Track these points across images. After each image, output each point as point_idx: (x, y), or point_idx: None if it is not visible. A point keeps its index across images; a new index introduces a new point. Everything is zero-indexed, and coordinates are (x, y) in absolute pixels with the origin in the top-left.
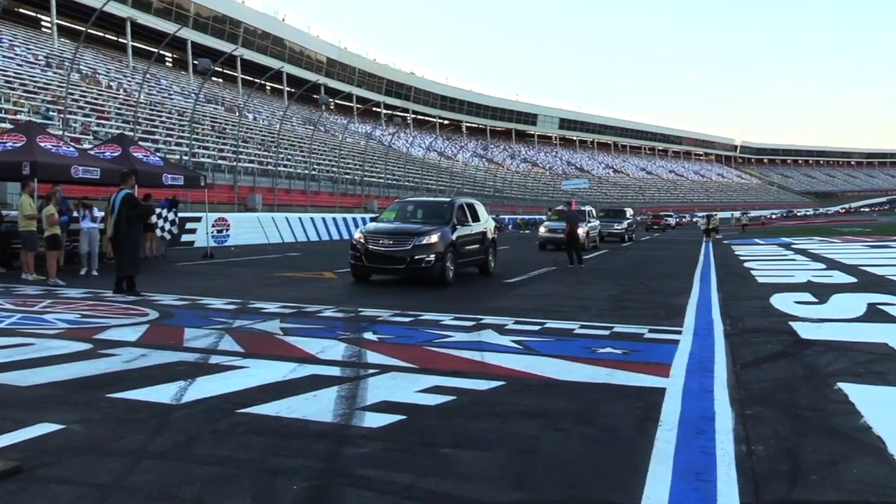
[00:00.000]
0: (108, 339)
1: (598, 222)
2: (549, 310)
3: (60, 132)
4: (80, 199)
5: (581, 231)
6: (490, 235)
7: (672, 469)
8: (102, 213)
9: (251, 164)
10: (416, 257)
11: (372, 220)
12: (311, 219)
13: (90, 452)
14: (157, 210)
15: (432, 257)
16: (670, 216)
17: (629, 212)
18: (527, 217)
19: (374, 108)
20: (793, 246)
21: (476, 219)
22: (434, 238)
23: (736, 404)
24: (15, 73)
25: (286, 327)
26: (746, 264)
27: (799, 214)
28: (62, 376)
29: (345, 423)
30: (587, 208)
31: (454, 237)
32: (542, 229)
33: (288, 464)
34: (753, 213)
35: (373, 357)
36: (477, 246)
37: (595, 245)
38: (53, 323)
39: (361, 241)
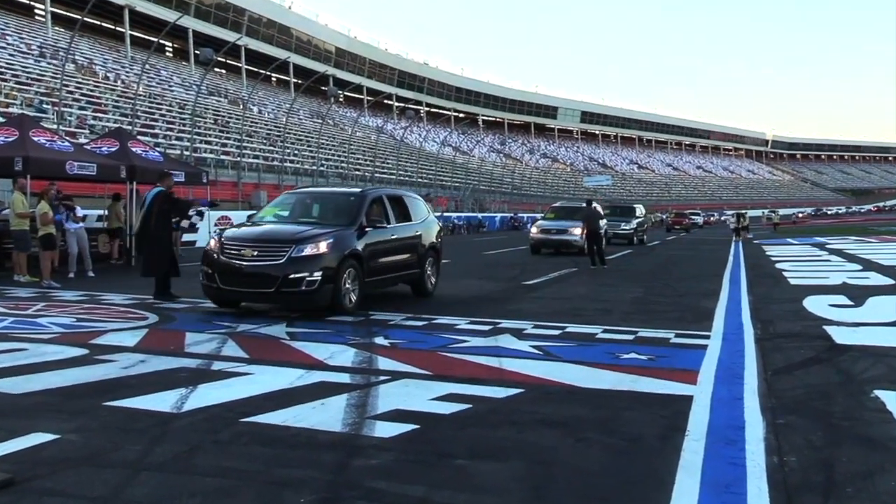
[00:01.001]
0: (106, 343)
1: (604, 221)
2: (569, 313)
3: (55, 126)
4: (61, 199)
5: (578, 231)
6: (429, 241)
7: (700, 481)
8: (85, 213)
9: (256, 160)
10: (293, 276)
11: (248, 218)
12: None
13: (86, 464)
14: (199, 209)
15: (317, 275)
16: (697, 214)
17: (639, 209)
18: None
19: (385, 101)
20: (827, 246)
21: (404, 218)
22: (322, 246)
23: (767, 413)
24: (7, 63)
25: (293, 331)
26: (778, 265)
27: (830, 213)
28: (57, 383)
29: (355, 432)
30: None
31: (360, 245)
32: (533, 229)
33: (295, 475)
34: (783, 212)
35: (384, 363)
36: (404, 257)
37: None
38: (47, 327)
39: (214, 250)
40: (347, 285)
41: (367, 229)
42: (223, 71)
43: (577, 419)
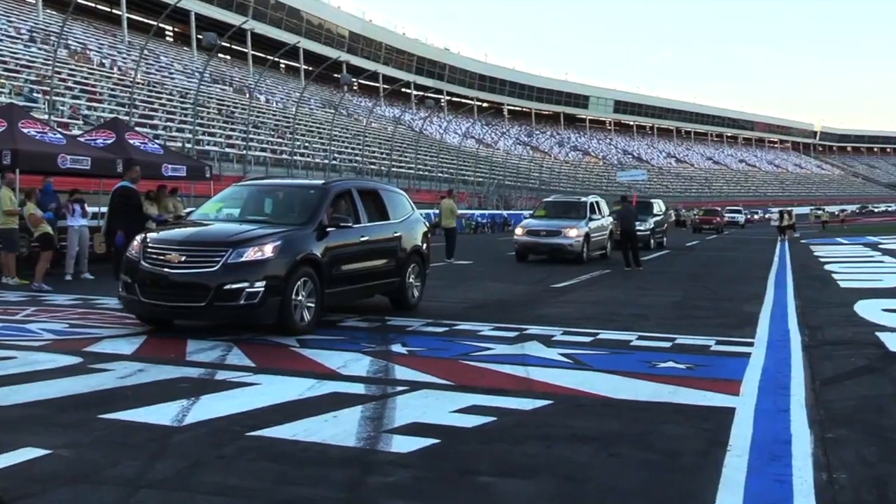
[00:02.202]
0: (101, 351)
1: (609, 220)
2: (602, 318)
3: (46, 116)
4: (71, 193)
5: (575, 233)
6: (412, 244)
7: (742, 500)
8: (94, 209)
9: (263, 153)
10: (229, 286)
11: (188, 214)
12: None
13: (80, 481)
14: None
15: (259, 286)
16: (738, 211)
17: (657, 205)
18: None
19: (402, 89)
20: (880, 246)
21: (380, 215)
22: (267, 250)
23: (815, 426)
24: None
25: (303, 338)
26: (827, 267)
27: (877, 210)
28: (48, 394)
29: (370, 447)
30: (590, 199)
31: (319, 248)
32: (518, 230)
33: (305, 494)
34: (830, 209)
35: (402, 372)
36: (379, 263)
37: (604, 254)
38: (38, 333)
39: (136, 255)
40: (300, 298)
41: (328, 229)
42: (228, 57)
43: (611, 433)
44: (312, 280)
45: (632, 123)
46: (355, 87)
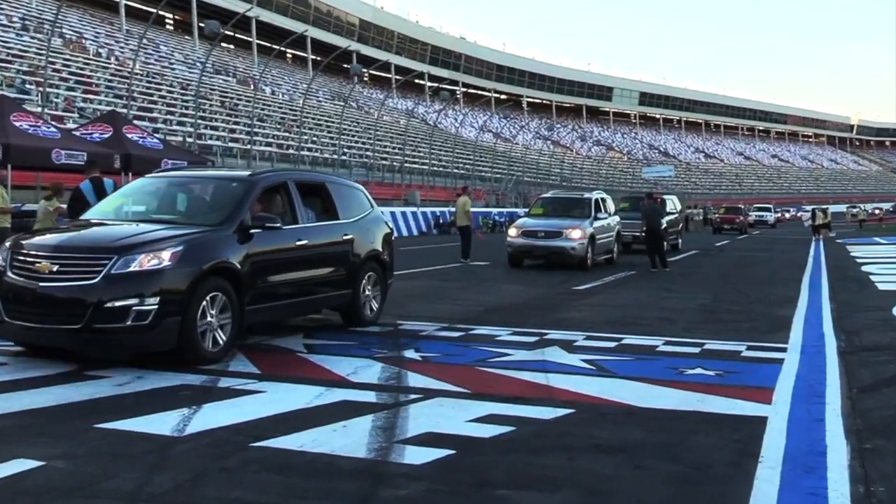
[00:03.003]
0: (97, 357)
1: (615, 219)
2: (627, 322)
3: (39, 109)
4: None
5: (578, 234)
6: (368, 249)
7: None
8: None
9: (269, 148)
10: (112, 304)
11: (70, 208)
12: None
13: (75, 494)
14: None
15: (152, 303)
16: (767, 209)
17: (671, 202)
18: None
19: (416, 81)
20: None
21: (327, 214)
22: (164, 257)
23: (852, 436)
24: None
25: (311, 343)
26: (864, 268)
27: None
28: (41, 403)
29: (381, 458)
30: (595, 195)
31: (237, 255)
32: (511, 231)
33: None
34: (865, 207)
35: (415, 380)
36: (323, 272)
37: (611, 258)
38: None
39: (0, 263)
40: (209, 318)
41: (252, 231)
42: (231, 46)
43: (636, 444)
44: (227, 295)
45: (658, 116)
46: (366, 78)
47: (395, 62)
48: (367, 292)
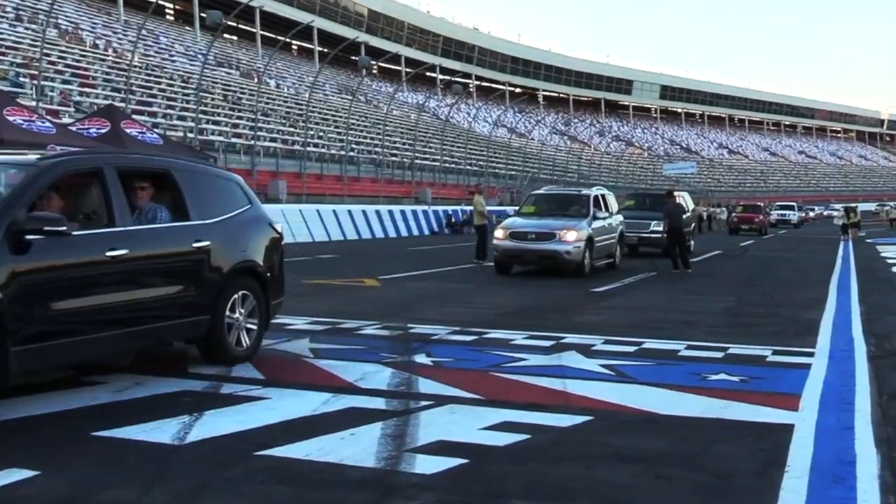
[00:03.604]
0: (94, 362)
1: (618, 219)
2: (647, 326)
3: (33, 103)
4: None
5: (574, 236)
6: (240, 260)
7: None
8: None
9: (273, 144)
10: None
11: None
12: (349, 212)
13: None
14: None
15: None
16: (790, 208)
17: (682, 200)
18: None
19: (427, 73)
20: None
21: (177, 212)
22: None
23: (882, 445)
24: None
25: (317, 348)
26: None
27: None
28: (35, 410)
29: (391, 468)
30: (594, 191)
31: (1, 273)
32: (498, 233)
33: None
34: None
35: (426, 385)
36: (164, 292)
37: (612, 263)
38: None
39: None
40: None
41: (29, 237)
42: (234, 37)
43: (657, 453)
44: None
45: (680, 111)
46: (375, 71)
47: (405, 54)
48: (235, 319)
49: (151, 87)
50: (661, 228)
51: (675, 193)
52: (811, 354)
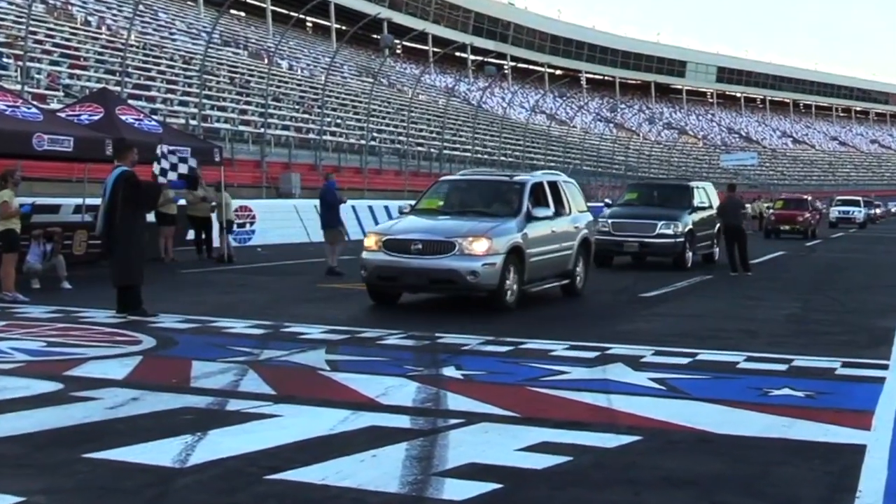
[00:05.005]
0: (86, 376)
1: (583, 219)
2: (702, 335)
3: (18, 87)
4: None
5: (484, 245)
6: None
7: None
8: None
9: (285, 132)
10: None
11: None
12: (370, 207)
13: None
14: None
15: None
16: (854, 203)
17: (700, 193)
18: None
19: (457, 54)
20: None
21: None
22: None
23: None
24: None
25: (334, 360)
26: None
27: None
28: (22, 428)
29: (417, 493)
30: (534, 178)
31: None
32: (367, 241)
33: None
34: None
35: (456, 402)
36: None
37: (571, 284)
38: (10, 354)
39: None
40: None
41: None
42: (242, 14)
43: (713, 476)
44: None
45: (739, 95)
46: (399, 51)
47: (432, 32)
48: None
49: (150, 69)
50: (671, 231)
51: (693, 185)
52: (885, 367)
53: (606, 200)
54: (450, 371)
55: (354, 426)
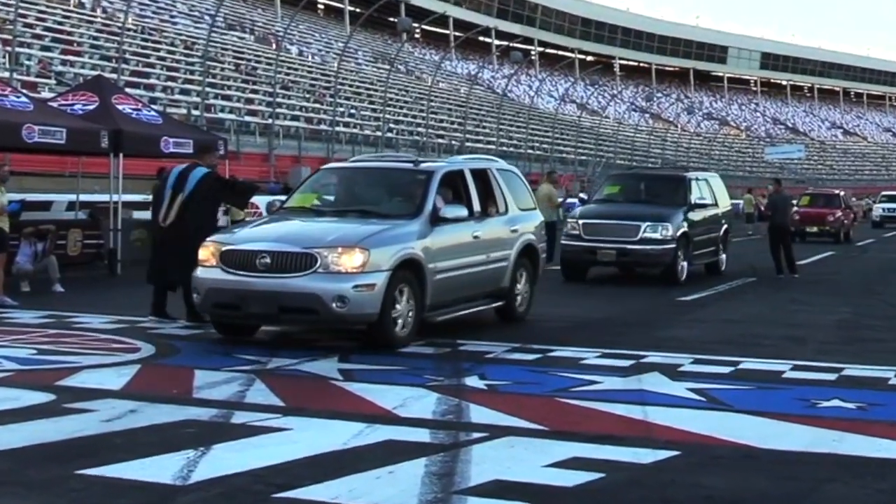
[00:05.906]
0: (80, 386)
1: (531, 220)
2: (745, 342)
3: (7, 74)
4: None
5: (358, 259)
6: None
7: None
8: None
9: (295, 123)
10: None
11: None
12: None
13: None
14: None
15: None
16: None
17: (701, 187)
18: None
19: (480, 38)
20: None
21: None
22: None
23: None
24: None
25: (348, 369)
26: None
27: None
28: (11, 443)
29: None
30: (444, 168)
31: None
32: (202, 253)
33: None
34: None
35: (479, 414)
36: None
37: (509, 305)
38: None
39: None
40: None
41: None
42: None
43: (757, 494)
44: None
45: (784, 83)
46: (417, 35)
47: (453, 14)
48: None
49: (149, 55)
50: (658, 235)
51: (693, 176)
52: None
53: (581, 195)
54: (473, 381)
55: (369, 440)
